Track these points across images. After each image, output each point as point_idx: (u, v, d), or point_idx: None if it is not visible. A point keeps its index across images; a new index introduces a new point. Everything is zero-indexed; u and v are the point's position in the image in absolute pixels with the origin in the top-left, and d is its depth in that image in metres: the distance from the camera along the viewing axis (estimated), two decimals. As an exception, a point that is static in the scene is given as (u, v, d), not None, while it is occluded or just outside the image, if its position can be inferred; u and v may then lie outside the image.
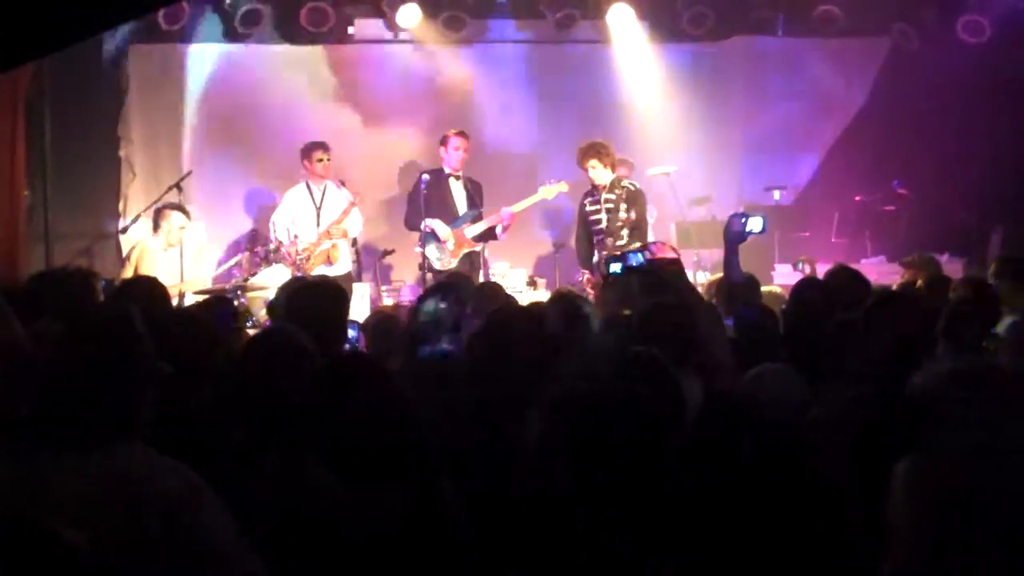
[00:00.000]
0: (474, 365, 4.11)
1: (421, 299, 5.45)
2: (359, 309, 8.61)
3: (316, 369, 3.32)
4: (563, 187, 9.86)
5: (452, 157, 9.70)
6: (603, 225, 9.18)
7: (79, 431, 2.70)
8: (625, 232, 8.99)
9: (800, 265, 8.40)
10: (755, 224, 5.64)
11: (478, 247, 9.70)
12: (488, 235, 9.74)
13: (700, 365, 4.33)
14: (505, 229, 9.72)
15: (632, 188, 9.15)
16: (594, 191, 9.30)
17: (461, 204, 9.72)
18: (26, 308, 4.22)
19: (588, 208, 9.36)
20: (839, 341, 4.22)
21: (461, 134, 9.75)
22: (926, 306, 5.57)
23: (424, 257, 9.35)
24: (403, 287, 9.94)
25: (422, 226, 9.40)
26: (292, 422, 3.15)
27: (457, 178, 9.75)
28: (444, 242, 9.52)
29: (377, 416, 3.16)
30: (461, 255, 9.55)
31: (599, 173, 9.18)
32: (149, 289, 4.99)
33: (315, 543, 2.97)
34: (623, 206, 9.01)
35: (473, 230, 9.64)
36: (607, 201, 9.15)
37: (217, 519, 2.72)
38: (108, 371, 2.74)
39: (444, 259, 9.49)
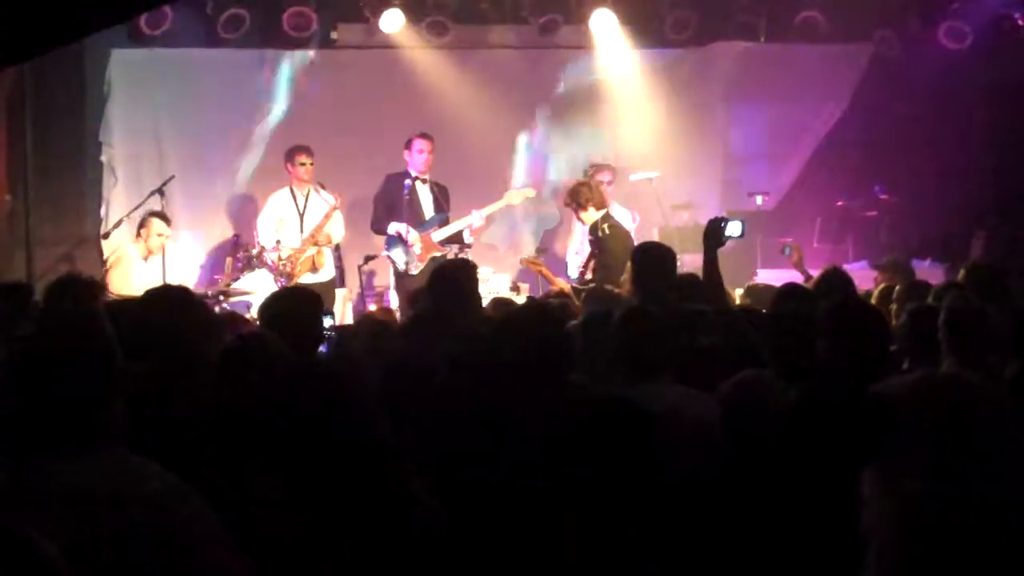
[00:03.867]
0: (470, 366, 4.09)
1: None
2: (341, 315, 8.59)
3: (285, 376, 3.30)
4: (530, 193, 9.84)
5: (416, 160, 9.55)
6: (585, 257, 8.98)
7: (50, 436, 2.66)
8: (588, 274, 8.67)
9: (787, 251, 8.37)
10: (734, 228, 5.69)
11: (445, 251, 9.52)
12: (455, 239, 9.59)
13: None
14: (473, 233, 9.62)
15: (603, 235, 8.52)
16: None
17: (428, 208, 9.61)
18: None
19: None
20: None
21: (424, 136, 9.58)
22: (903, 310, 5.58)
23: (391, 260, 9.30)
24: (386, 292, 9.91)
25: (389, 229, 9.37)
26: (257, 430, 3.12)
27: (424, 181, 9.62)
28: (411, 246, 9.42)
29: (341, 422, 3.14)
30: (428, 259, 9.31)
31: (583, 217, 8.77)
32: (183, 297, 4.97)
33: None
34: (595, 250, 8.76)
35: (440, 234, 9.53)
36: (590, 242, 8.82)
37: (200, 518, 2.69)
38: (74, 374, 2.70)
39: (411, 263, 9.39)
